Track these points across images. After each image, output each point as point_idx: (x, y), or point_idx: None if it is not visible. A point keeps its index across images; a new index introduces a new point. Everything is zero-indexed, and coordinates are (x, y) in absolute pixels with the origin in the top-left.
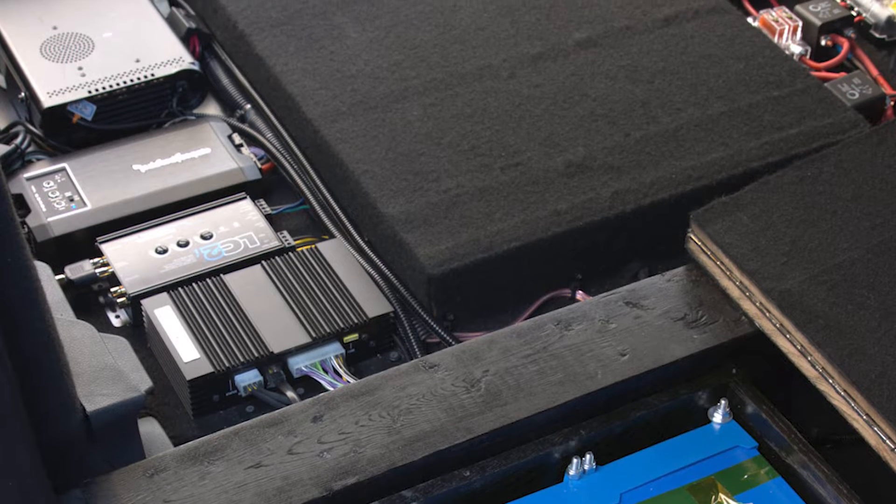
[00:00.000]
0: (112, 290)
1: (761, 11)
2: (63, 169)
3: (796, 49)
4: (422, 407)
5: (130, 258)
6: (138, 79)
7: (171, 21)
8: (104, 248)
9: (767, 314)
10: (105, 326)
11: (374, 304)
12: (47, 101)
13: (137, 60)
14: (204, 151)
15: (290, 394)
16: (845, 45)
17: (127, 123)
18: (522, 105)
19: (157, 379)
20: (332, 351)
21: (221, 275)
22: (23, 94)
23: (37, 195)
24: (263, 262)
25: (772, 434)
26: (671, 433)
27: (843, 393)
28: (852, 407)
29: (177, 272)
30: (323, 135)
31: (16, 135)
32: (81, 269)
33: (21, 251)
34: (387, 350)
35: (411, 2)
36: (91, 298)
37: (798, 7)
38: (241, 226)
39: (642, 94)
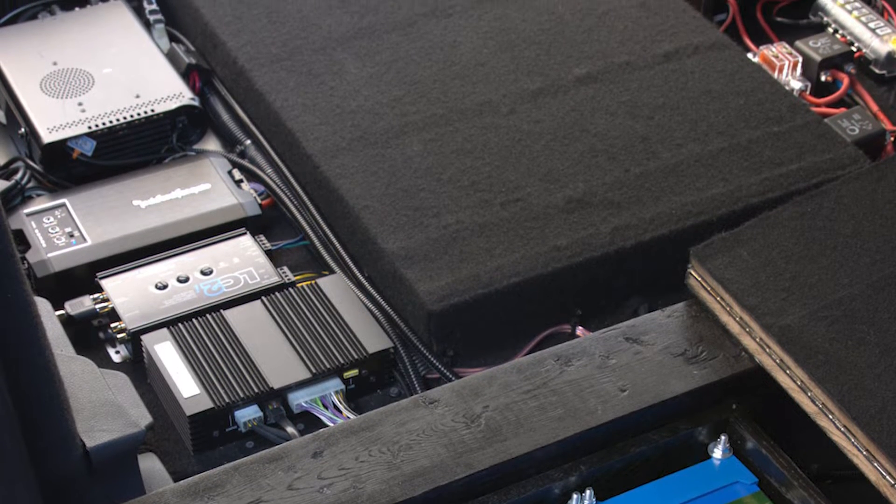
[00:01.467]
0: (112, 325)
1: (761, 47)
2: (63, 205)
3: (796, 85)
4: (422, 442)
5: (130, 294)
6: (138, 114)
7: (171, 57)
8: (104, 283)
9: (767, 350)
10: (105, 362)
11: (374, 339)
12: (47, 137)
13: (137, 96)
14: (204, 187)
15: (290, 429)
16: (845, 80)
17: (127, 159)
18: (522, 141)
19: (156, 414)
20: (333, 386)
21: (221, 310)
22: (23, 129)
23: (37, 231)
24: (263, 297)
25: (772, 470)
26: (671, 469)
27: (843, 428)
28: (852, 442)
29: (177, 308)
30: (323, 170)
31: (16, 170)
32: (81, 304)
33: (21, 287)
34: (387, 386)
35: (411, 38)
36: (91, 334)
37: (798, 43)
38: (241, 261)
39: (642, 130)
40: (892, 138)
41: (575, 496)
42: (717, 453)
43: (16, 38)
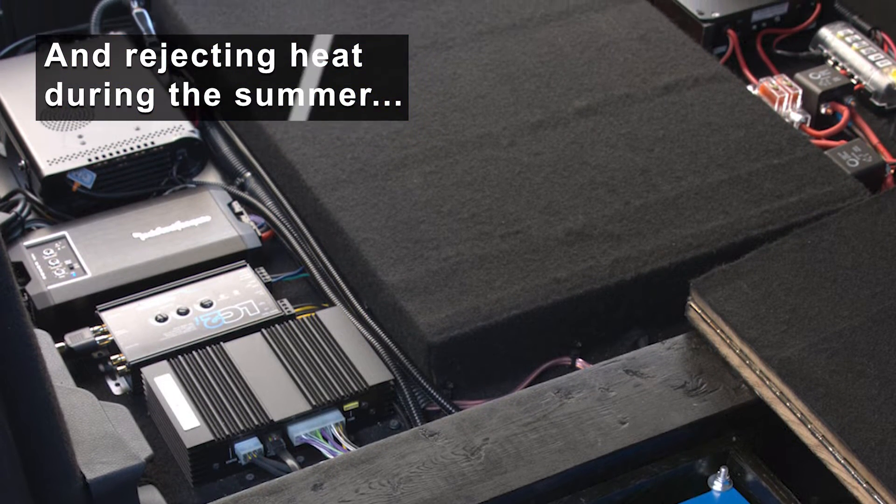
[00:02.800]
0: (112, 357)
1: (761, 79)
2: (63, 237)
3: (796, 117)
4: (422, 475)
5: (130, 326)
6: (138, 147)
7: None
8: (104, 315)
9: (767, 382)
10: (105, 394)
11: (374, 372)
12: (47, 169)
13: (137, 128)
14: (204, 219)
15: (290, 462)
16: (845, 113)
17: (127, 191)
18: (522, 173)
19: (157, 447)
20: (333, 419)
21: (221, 343)
22: (23, 161)
23: (37, 263)
24: (263, 330)
25: (772, 502)
26: (671, 501)
27: (843, 461)
28: (852, 475)
29: (177, 340)
30: (323, 203)
31: (16, 203)
32: (81, 336)
33: (21, 319)
34: (387, 418)
35: (411, 70)
36: (91, 366)
37: (798, 75)
38: (241, 294)
39: (642, 162)
40: (892, 171)
41: None
42: (717, 486)
43: (16, 70)
